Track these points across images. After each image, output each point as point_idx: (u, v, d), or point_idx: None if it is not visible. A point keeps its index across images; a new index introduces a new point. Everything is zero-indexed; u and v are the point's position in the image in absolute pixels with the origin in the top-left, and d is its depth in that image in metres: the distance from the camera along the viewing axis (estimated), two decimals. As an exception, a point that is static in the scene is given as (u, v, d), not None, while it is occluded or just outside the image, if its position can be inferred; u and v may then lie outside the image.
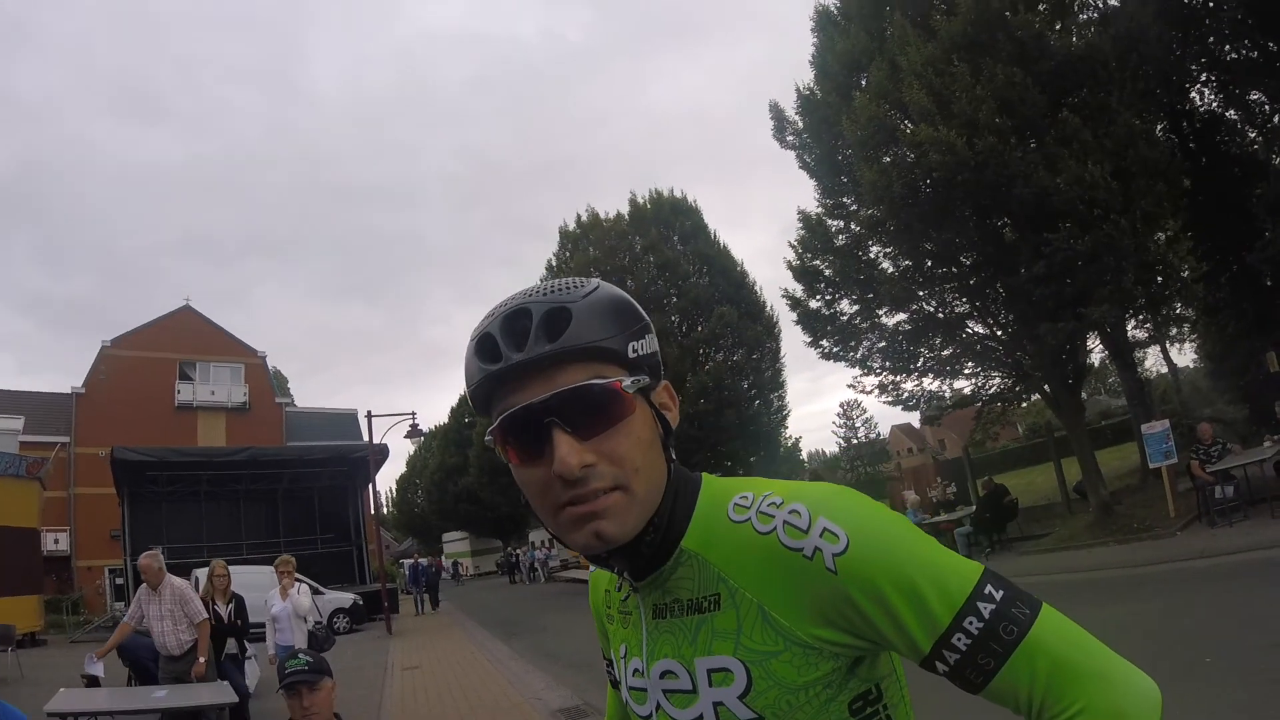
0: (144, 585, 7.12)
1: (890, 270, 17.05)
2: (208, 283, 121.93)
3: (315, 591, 17.97)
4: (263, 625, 9.37)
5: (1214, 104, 19.49)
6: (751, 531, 0.90)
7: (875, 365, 18.17)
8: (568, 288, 0.92)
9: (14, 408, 34.61)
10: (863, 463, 66.24)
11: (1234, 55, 17.42)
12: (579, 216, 29.82)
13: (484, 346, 0.91)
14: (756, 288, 28.75)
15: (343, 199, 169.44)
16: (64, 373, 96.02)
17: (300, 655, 3.55)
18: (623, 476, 0.88)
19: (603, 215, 29.40)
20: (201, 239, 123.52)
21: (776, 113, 18.49)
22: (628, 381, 0.89)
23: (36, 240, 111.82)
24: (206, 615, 7.16)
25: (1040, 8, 15.51)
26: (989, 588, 0.85)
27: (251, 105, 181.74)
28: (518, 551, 44.06)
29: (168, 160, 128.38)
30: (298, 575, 9.13)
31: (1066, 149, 13.34)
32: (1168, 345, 23.33)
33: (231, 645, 7.94)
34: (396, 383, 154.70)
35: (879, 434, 72.95)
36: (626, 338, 0.91)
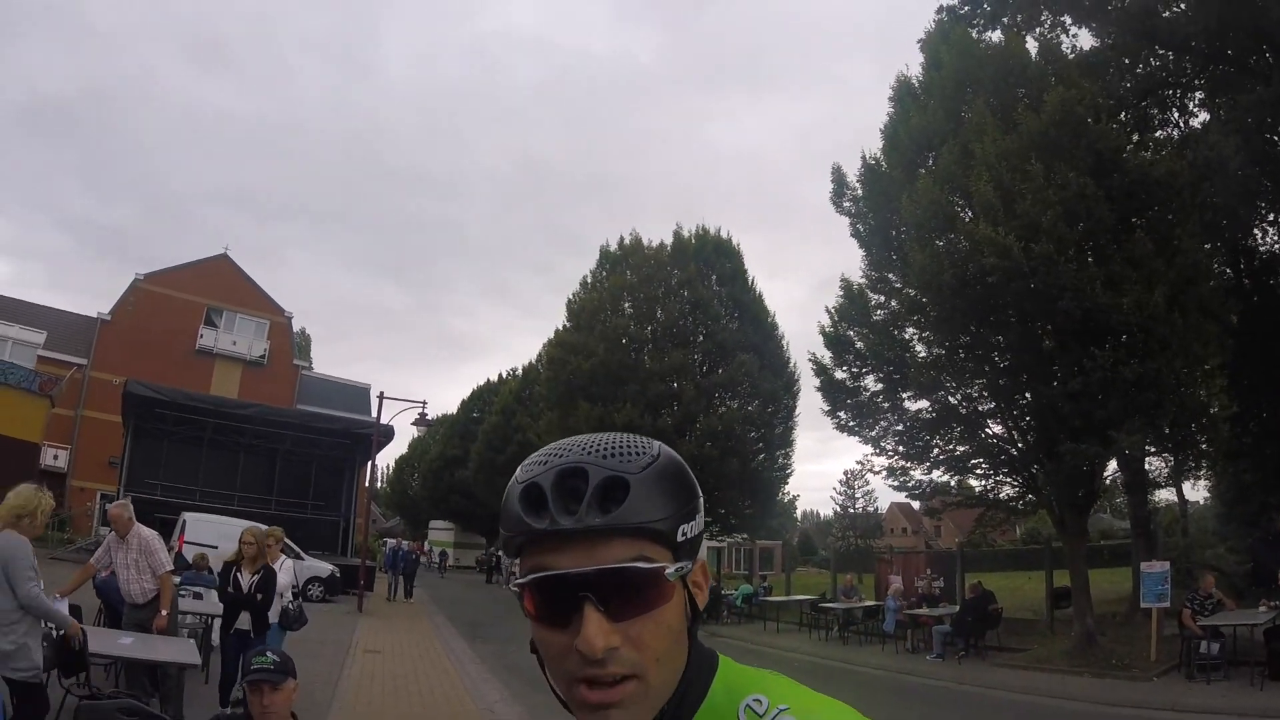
0: (113, 532, 7.20)
1: (922, 355, 16.89)
2: (244, 236, 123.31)
3: (296, 557, 18.03)
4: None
5: (1276, 244, 19.29)
6: None
7: (889, 447, 17.97)
8: (627, 453, 0.88)
9: (38, 322, 35.21)
10: (855, 534, 65.70)
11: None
12: (622, 239, 29.99)
13: (530, 497, 0.87)
14: (784, 341, 28.77)
15: (390, 179, 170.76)
16: (91, 295, 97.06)
17: (269, 654, 3.58)
18: (642, 665, 0.85)
19: (645, 242, 29.56)
20: (246, 193, 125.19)
21: (838, 176, 18.45)
22: (672, 569, 0.86)
23: (86, 163, 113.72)
24: (170, 568, 7.26)
25: (1122, 116, 15.37)
26: None
27: (318, 75, 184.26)
28: (499, 554, 43.97)
29: (225, 112, 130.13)
30: (286, 541, 8.74)
31: (1136, 271, 13.13)
32: (1183, 480, 23.00)
33: (245, 620, 7.16)
34: (411, 365, 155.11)
35: (877, 508, 72.34)
36: (679, 519, 0.88)
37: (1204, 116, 17.23)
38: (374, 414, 25.43)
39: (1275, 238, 19.29)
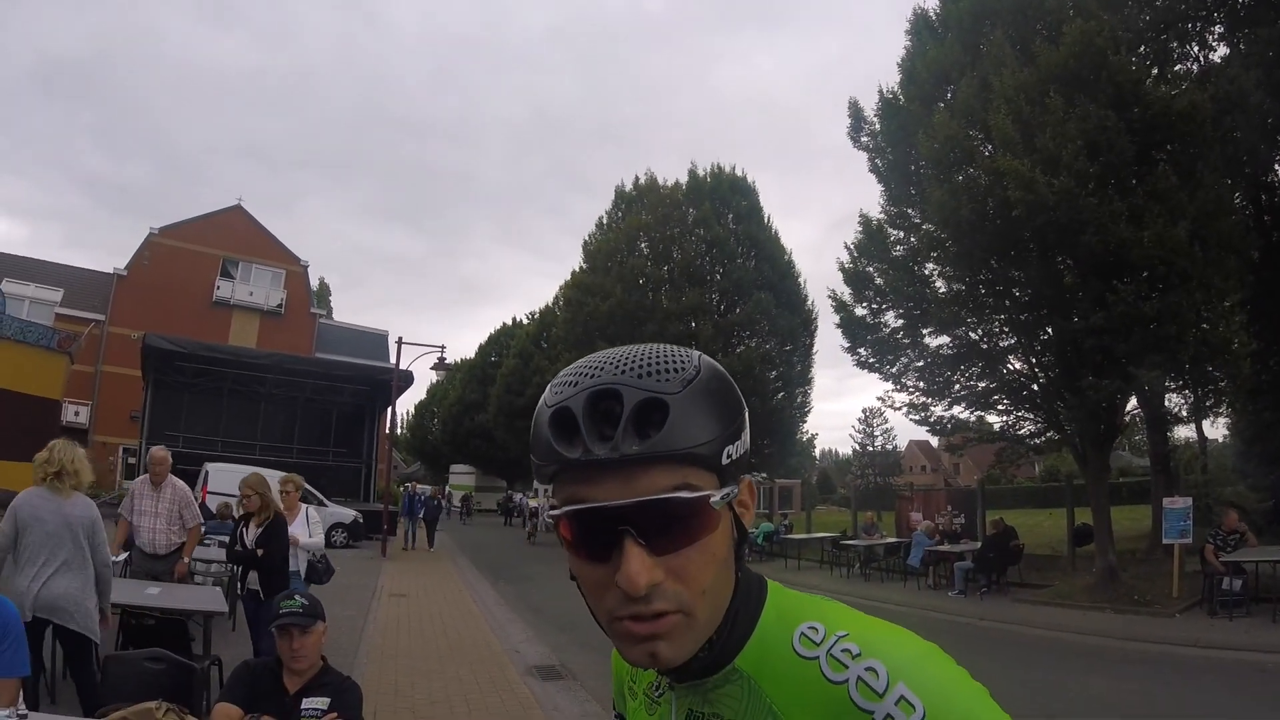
0: (143, 479, 7.15)
1: (942, 290, 16.70)
2: (258, 187, 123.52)
3: (319, 503, 18.22)
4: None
5: None
6: (819, 674, 0.80)
7: (910, 384, 17.92)
8: (665, 368, 0.79)
9: (55, 280, 35.40)
10: (874, 472, 65.95)
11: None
12: (637, 179, 29.77)
13: (561, 422, 0.79)
14: (800, 279, 28.55)
15: (401, 128, 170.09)
16: (108, 252, 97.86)
17: (297, 596, 3.55)
18: (687, 599, 0.79)
19: (660, 181, 29.23)
20: (258, 146, 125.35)
21: (855, 111, 18.11)
22: (717, 496, 0.79)
23: (100, 122, 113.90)
24: (202, 520, 7.22)
25: (1141, 50, 15.02)
26: None
27: (325, 23, 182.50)
28: (519, 495, 44.54)
29: (236, 65, 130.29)
30: (307, 487, 8.55)
31: (1158, 204, 12.84)
32: (1203, 418, 22.87)
33: (254, 579, 6.55)
34: (428, 310, 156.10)
35: (896, 446, 72.48)
36: (723, 440, 0.80)
37: (1223, 50, 16.79)
38: (393, 359, 25.49)
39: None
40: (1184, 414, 20.29)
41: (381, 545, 20.64)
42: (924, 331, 17.46)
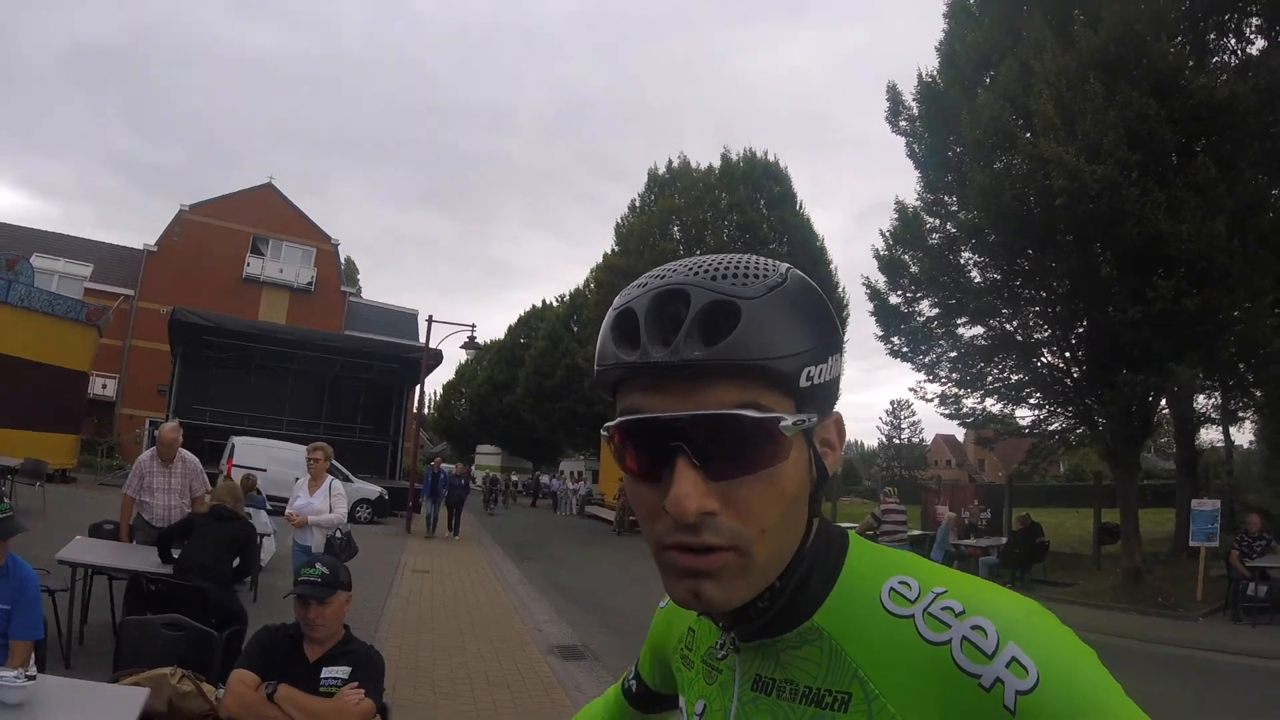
0: (151, 455, 7.11)
1: (978, 280, 16.45)
2: (291, 169, 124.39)
3: (344, 479, 18.32)
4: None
5: None
6: (914, 634, 0.70)
7: (942, 374, 17.70)
8: (745, 274, 0.70)
9: (85, 255, 35.69)
10: (900, 464, 65.58)
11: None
12: (670, 162, 29.56)
13: (622, 325, 0.72)
14: (832, 267, 28.27)
15: (432, 114, 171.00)
16: (139, 231, 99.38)
17: (317, 565, 3.45)
18: (744, 537, 0.69)
19: (694, 165, 29.03)
20: (290, 130, 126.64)
21: (893, 95, 17.77)
22: (789, 421, 0.68)
23: (134, 105, 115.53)
24: (210, 489, 7.20)
25: (1179, 39, 14.71)
26: None
27: (355, 12, 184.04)
28: (545, 477, 44.61)
29: (269, 51, 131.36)
30: (334, 463, 8.17)
31: (1198, 197, 12.51)
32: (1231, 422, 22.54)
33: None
34: (457, 293, 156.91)
35: (923, 439, 72.06)
36: (805, 358, 0.69)
37: (1261, 44, 16.49)
38: (422, 338, 25.52)
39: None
40: (1213, 415, 19.99)
41: (406, 522, 20.74)
42: (958, 321, 17.20)
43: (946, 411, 17.95)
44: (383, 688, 3.40)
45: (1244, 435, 27.66)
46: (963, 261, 16.81)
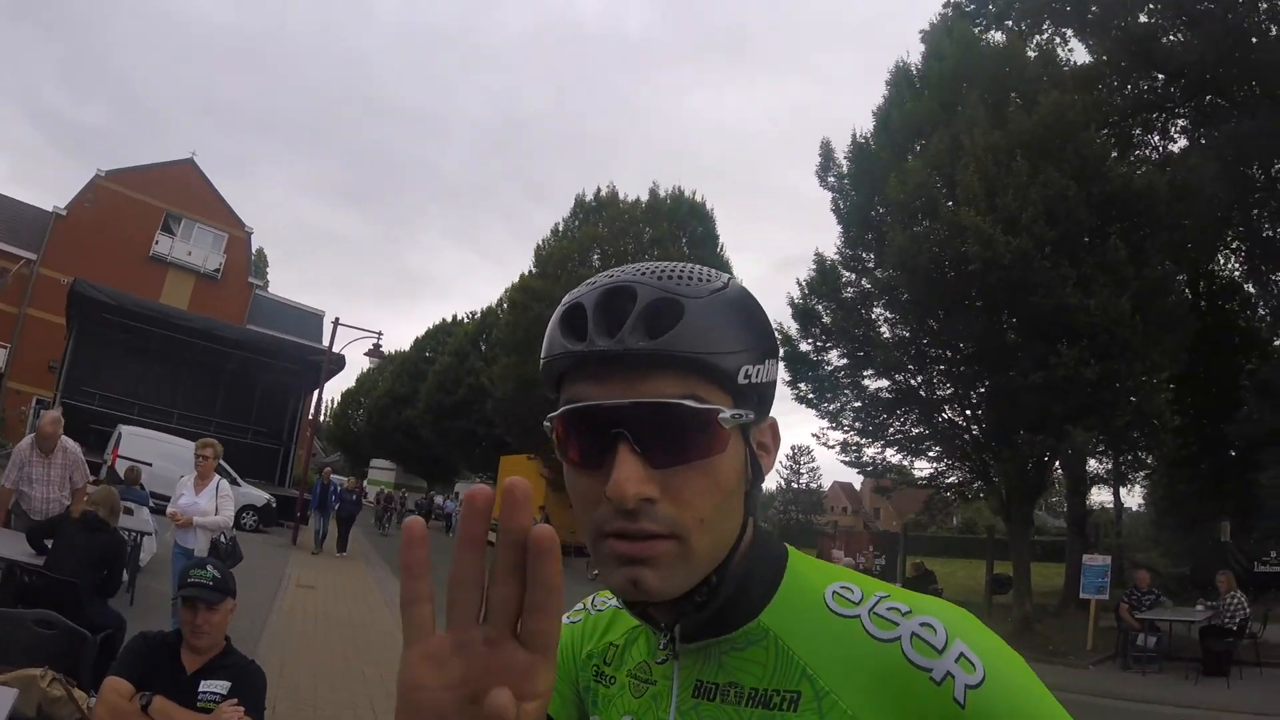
0: (29, 444, 6.69)
1: (887, 335, 17.05)
2: (214, 144, 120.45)
3: (233, 481, 17.57)
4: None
5: (1236, 272, 20.11)
6: (862, 632, 0.73)
7: (845, 423, 18.17)
8: (689, 277, 0.73)
9: (-10, 211, 33.59)
10: (797, 509, 66.59)
11: (1271, 234, 17.85)
12: (599, 190, 29.53)
13: (570, 318, 0.73)
14: (750, 313, 28.66)
15: (368, 110, 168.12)
16: (53, 193, 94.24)
17: (208, 568, 3.31)
18: (682, 525, 0.70)
19: (621, 196, 29.14)
20: (220, 104, 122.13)
21: (826, 151, 18.38)
22: (728, 414, 0.71)
23: (64, 57, 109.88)
24: (90, 479, 6.87)
25: (1106, 131, 15.58)
26: None
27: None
28: (440, 497, 43.70)
29: (212, 20, 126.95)
30: (221, 463, 7.66)
31: (1106, 275, 13.46)
32: (1122, 485, 23.77)
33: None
34: (367, 298, 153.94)
35: (820, 485, 73.33)
36: (743, 358, 0.72)
37: (1183, 142, 17.77)
38: (326, 341, 24.79)
39: (1236, 266, 20.08)
40: (1105, 477, 21.03)
41: (293, 533, 19.90)
42: (865, 373, 17.76)
43: (847, 459, 18.46)
44: (264, 706, 3.24)
45: (1133, 498, 29.03)
46: (874, 316, 17.45)
